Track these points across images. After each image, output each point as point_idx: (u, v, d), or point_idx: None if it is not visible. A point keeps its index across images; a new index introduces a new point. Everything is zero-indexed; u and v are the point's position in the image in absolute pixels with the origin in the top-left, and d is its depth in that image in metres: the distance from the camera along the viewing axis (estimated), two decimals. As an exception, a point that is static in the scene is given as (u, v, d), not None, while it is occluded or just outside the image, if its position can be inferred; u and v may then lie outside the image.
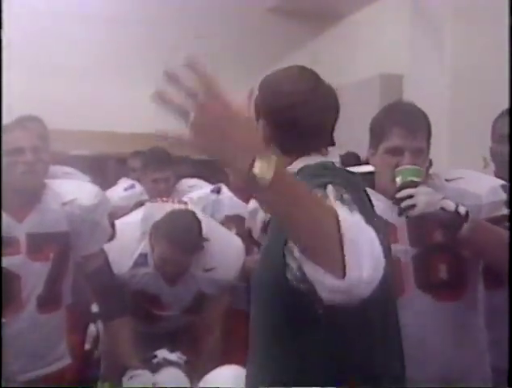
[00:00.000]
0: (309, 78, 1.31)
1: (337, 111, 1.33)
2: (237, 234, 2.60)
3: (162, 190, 3.04)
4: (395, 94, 3.50)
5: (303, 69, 1.33)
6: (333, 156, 1.33)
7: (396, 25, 4.25)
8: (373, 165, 1.76)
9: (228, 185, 2.85)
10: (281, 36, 5.06)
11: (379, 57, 4.43)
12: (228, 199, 2.82)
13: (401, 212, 1.59)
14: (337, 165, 1.30)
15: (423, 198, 1.56)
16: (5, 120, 2.04)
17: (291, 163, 1.26)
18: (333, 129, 1.33)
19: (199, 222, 2.25)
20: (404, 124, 1.68)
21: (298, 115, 1.25)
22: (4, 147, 1.91)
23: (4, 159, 1.91)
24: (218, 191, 2.83)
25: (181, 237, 2.20)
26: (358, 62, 4.53)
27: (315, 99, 1.27)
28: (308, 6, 4.91)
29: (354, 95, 3.36)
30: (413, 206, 1.55)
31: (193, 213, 2.30)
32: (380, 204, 1.68)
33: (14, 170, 1.91)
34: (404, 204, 1.56)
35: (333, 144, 1.33)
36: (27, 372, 1.95)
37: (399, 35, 3.95)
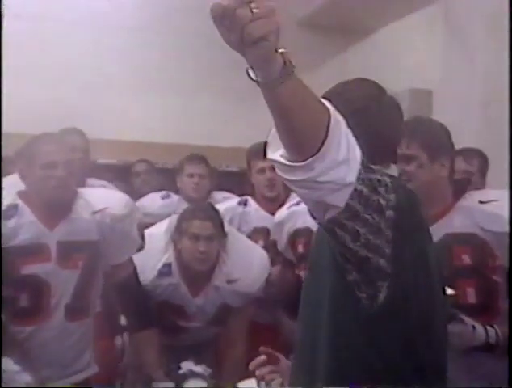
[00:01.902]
0: (373, 87, 1.31)
1: (402, 129, 1.32)
2: (264, 246, 2.61)
3: (196, 185, 3.08)
4: (424, 110, 3.48)
5: (366, 80, 1.34)
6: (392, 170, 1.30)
7: (426, 40, 4.24)
8: None
9: (254, 198, 2.86)
10: (309, 50, 5.06)
11: (408, 72, 4.41)
12: (254, 211, 2.83)
13: None
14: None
15: (456, 339, 1.50)
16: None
17: None
18: (395, 144, 1.30)
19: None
20: None
21: (366, 122, 1.20)
22: (38, 160, 1.93)
23: (38, 172, 1.93)
24: (245, 203, 2.84)
25: (210, 212, 2.34)
26: (387, 77, 4.50)
27: (382, 110, 1.25)
28: (337, 20, 4.92)
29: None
30: None
31: None
32: None
33: (46, 183, 1.93)
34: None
35: (394, 161, 1.31)
36: (55, 380, 1.96)
37: (429, 51, 3.93)
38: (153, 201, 3.13)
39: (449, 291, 1.53)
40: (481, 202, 1.73)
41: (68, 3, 4.59)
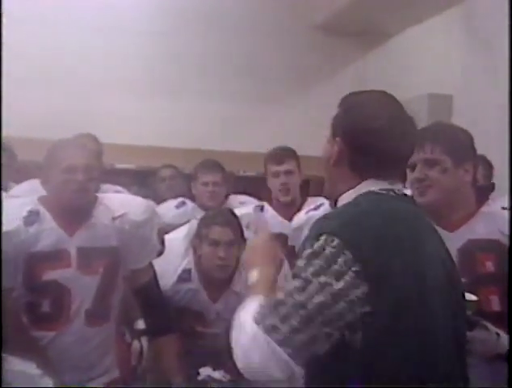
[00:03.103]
0: (394, 106, 1.33)
1: (414, 143, 1.36)
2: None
3: (211, 193, 3.07)
4: (444, 115, 3.46)
5: (388, 95, 1.35)
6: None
7: (445, 44, 4.21)
8: None
9: (270, 203, 2.85)
10: (328, 55, 5.07)
11: (427, 77, 4.39)
12: (271, 217, 2.82)
13: None
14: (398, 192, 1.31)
15: (479, 346, 1.51)
16: (58, 137, 2.09)
17: (357, 184, 1.30)
18: (405, 163, 1.35)
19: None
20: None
21: (379, 141, 1.28)
22: (59, 165, 1.94)
23: (58, 176, 1.94)
24: (261, 209, 2.84)
25: (230, 218, 2.35)
26: (407, 81, 4.50)
27: (396, 128, 1.29)
28: (356, 25, 4.91)
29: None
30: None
31: None
32: None
33: (66, 187, 1.94)
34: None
35: (403, 179, 1.36)
36: (76, 384, 1.96)
37: (448, 55, 3.91)
38: (167, 210, 3.13)
39: (472, 297, 1.51)
40: (504, 208, 1.71)
41: (81, 8, 4.63)
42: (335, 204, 1.36)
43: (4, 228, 1.87)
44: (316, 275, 1.16)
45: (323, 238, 1.19)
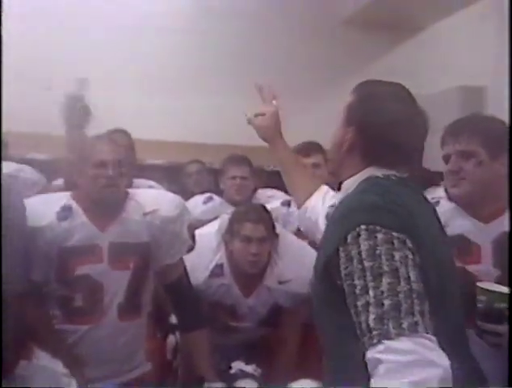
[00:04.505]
0: (408, 99, 1.38)
1: (425, 136, 1.39)
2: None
3: (239, 187, 3.07)
4: (475, 107, 3.41)
5: (403, 88, 1.40)
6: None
7: (477, 36, 4.14)
8: None
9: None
10: (357, 49, 5.03)
11: (459, 69, 4.32)
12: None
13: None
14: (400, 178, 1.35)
15: (504, 340, 1.47)
16: (91, 133, 2.11)
17: (362, 169, 1.36)
18: (417, 151, 1.39)
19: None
20: (449, 131, 1.73)
21: (392, 133, 1.32)
22: (90, 160, 1.96)
23: (89, 171, 1.96)
24: (288, 204, 2.83)
25: (262, 214, 2.35)
26: (437, 74, 4.44)
27: (410, 121, 1.34)
28: (384, 18, 4.86)
29: (432, 107, 3.29)
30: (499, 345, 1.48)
31: None
32: (464, 222, 1.66)
33: (96, 183, 1.95)
34: (490, 340, 1.50)
35: (413, 170, 1.39)
36: (108, 378, 1.98)
37: (480, 47, 3.85)
38: (194, 206, 3.12)
39: (503, 289, 1.49)
40: None
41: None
42: (339, 188, 1.42)
43: (37, 223, 1.90)
44: (391, 258, 1.16)
45: (363, 228, 1.19)
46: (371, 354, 1.12)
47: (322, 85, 4.84)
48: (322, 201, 1.71)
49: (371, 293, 1.15)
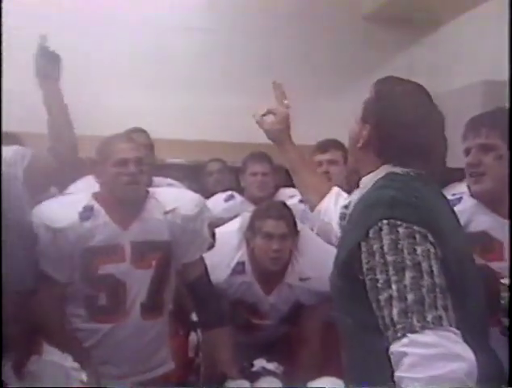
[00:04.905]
0: (426, 98, 1.39)
1: (442, 135, 1.39)
2: (326, 244, 2.58)
3: (260, 183, 3.07)
4: (499, 101, 3.35)
5: (420, 87, 1.41)
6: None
7: (500, 29, 4.07)
8: None
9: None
10: (377, 45, 4.99)
11: (482, 64, 4.27)
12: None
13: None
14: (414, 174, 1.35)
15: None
16: (108, 133, 2.12)
17: (379, 166, 1.36)
18: (435, 149, 1.38)
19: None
20: (470, 125, 1.72)
21: (408, 133, 1.33)
22: (110, 159, 1.98)
23: (110, 170, 1.98)
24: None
25: (283, 211, 2.35)
26: (460, 69, 4.39)
27: (426, 120, 1.35)
28: (405, 13, 4.82)
29: (455, 102, 3.25)
30: None
31: None
32: (485, 218, 1.65)
33: (118, 180, 1.97)
34: None
35: (431, 165, 1.38)
36: (132, 376, 2.00)
37: (504, 40, 3.78)
38: (216, 204, 3.12)
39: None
40: None
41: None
42: (357, 185, 1.43)
43: (60, 224, 1.92)
44: (413, 252, 1.17)
45: (384, 223, 1.20)
46: (395, 348, 1.12)
47: (344, 81, 4.81)
48: (335, 203, 1.70)
49: (393, 287, 1.15)
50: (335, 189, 1.76)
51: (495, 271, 1.64)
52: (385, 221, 1.20)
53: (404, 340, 1.11)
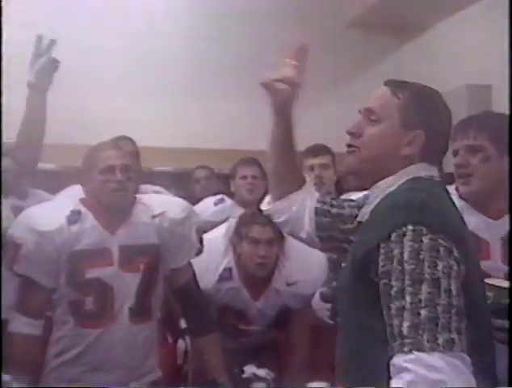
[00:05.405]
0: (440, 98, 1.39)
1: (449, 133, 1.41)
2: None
3: (251, 186, 3.07)
4: (483, 105, 3.39)
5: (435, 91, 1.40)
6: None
7: (483, 34, 4.12)
8: None
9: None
10: (362, 51, 5.03)
11: (466, 68, 4.31)
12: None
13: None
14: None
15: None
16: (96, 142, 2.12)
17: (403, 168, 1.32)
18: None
19: None
20: (458, 127, 1.72)
21: (447, 134, 1.36)
22: (97, 166, 1.98)
23: (97, 177, 1.98)
24: None
25: (269, 217, 2.28)
26: (444, 74, 4.43)
27: (450, 121, 1.38)
28: (389, 19, 4.86)
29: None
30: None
31: None
32: (472, 218, 1.66)
33: (105, 188, 1.97)
34: (498, 336, 1.44)
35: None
36: (121, 383, 1.97)
37: (487, 44, 3.82)
38: (205, 208, 3.13)
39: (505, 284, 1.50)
40: None
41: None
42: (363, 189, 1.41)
43: (47, 228, 1.91)
44: (434, 267, 1.12)
45: (410, 228, 1.15)
46: (398, 360, 1.09)
47: (329, 87, 4.84)
48: (311, 198, 1.57)
49: (407, 298, 1.11)
50: (310, 184, 1.66)
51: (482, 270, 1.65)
52: (410, 227, 1.15)
53: (410, 356, 1.07)
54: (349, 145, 1.38)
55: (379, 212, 1.28)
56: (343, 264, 1.36)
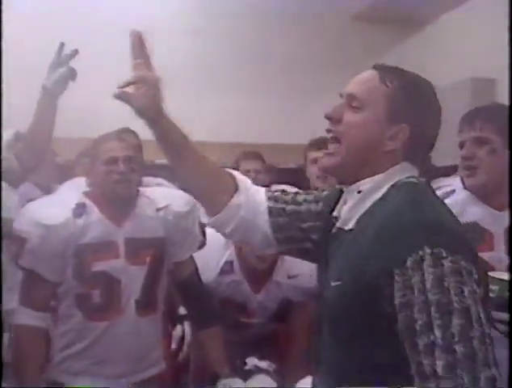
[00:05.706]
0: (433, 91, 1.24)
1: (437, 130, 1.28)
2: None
3: (253, 180, 3.05)
4: (487, 99, 3.37)
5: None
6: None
7: (489, 27, 4.10)
8: None
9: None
10: (366, 45, 5.02)
11: (469, 61, 4.29)
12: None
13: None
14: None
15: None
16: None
17: (387, 168, 1.19)
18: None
19: None
20: (466, 118, 1.72)
21: (435, 132, 1.22)
22: (100, 158, 1.99)
23: (100, 168, 1.98)
24: None
25: None
26: (448, 67, 4.42)
27: (439, 119, 1.23)
28: (393, 12, 4.85)
29: (443, 100, 3.27)
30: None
31: None
32: (477, 209, 1.66)
33: (108, 179, 1.97)
34: (502, 329, 1.44)
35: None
36: (127, 375, 1.99)
37: (492, 37, 3.80)
38: None
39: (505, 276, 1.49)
40: None
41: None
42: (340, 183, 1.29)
43: (53, 221, 1.91)
44: (461, 294, 1.02)
45: (428, 252, 1.03)
46: None
47: (333, 80, 4.83)
48: (259, 197, 1.43)
49: (437, 333, 1.00)
50: (247, 180, 1.49)
51: (486, 261, 1.65)
52: (428, 250, 1.03)
53: None
54: (328, 131, 1.25)
55: (383, 234, 1.10)
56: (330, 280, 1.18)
